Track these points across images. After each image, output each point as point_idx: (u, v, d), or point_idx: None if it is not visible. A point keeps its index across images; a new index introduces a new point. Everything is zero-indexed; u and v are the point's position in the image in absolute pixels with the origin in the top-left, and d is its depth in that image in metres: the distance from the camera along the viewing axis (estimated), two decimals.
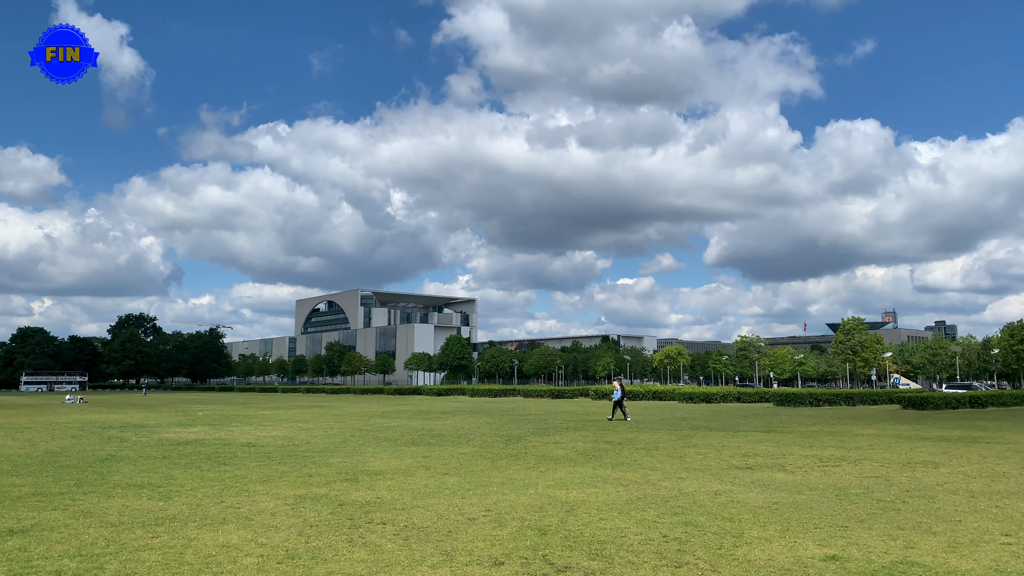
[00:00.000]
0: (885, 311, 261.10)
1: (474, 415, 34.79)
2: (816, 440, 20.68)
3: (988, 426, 27.22)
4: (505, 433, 23.11)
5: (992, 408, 44.58)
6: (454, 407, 45.26)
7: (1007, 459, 15.86)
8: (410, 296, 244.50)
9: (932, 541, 7.84)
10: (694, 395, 54.31)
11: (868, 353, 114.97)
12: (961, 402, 44.16)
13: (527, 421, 29.63)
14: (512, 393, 67.37)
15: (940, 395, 45.50)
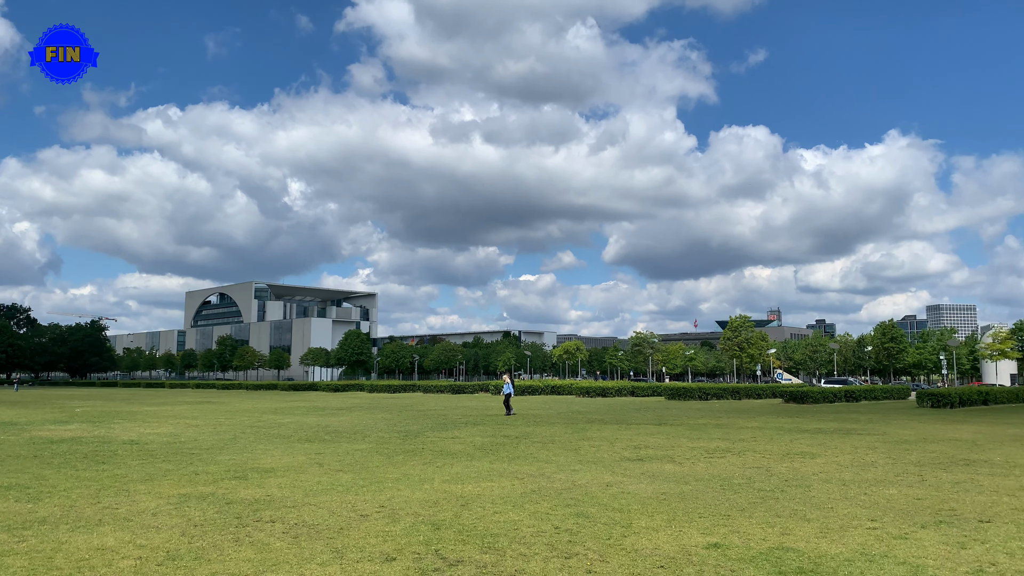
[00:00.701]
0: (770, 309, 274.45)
1: (372, 411, 34.35)
2: (704, 432, 21.49)
3: (860, 419, 29.01)
4: (403, 429, 22.93)
5: (865, 402, 47.58)
6: (351, 403, 44.54)
7: (876, 449, 16.95)
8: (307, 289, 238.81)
9: (806, 527, 8.29)
10: (591, 389, 55.43)
11: (754, 349, 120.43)
12: (837, 396, 46.93)
13: (426, 417, 29.49)
14: (412, 389, 66.90)
15: (818, 390, 48.19)
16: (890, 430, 22.90)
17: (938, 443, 18.54)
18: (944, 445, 18.00)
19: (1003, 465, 14.04)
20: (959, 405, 39.99)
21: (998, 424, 26.19)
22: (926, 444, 18.25)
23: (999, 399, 45.47)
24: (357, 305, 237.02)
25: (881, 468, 13.56)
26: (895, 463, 14.30)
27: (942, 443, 18.54)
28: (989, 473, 12.88)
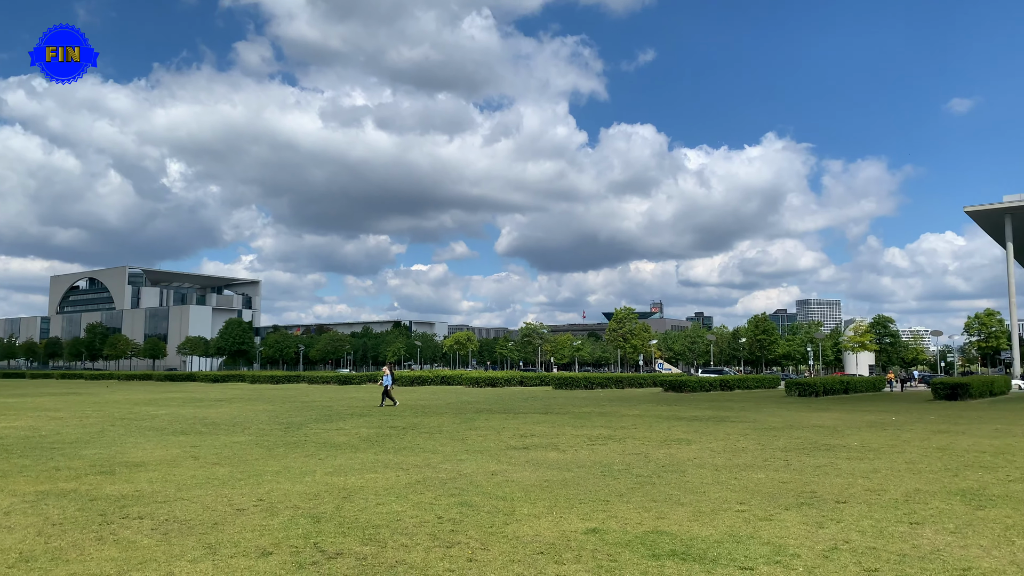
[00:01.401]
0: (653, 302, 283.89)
1: (253, 402, 33.26)
2: (588, 421, 22.01)
3: (734, 407, 30.49)
4: (285, 420, 22.32)
5: (738, 391, 50.03)
6: (231, 394, 42.97)
7: (747, 436, 17.85)
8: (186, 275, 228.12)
9: (680, 511, 8.63)
10: (480, 379, 55.73)
11: (637, 340, 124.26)
12: (713, 385, 49.14)
13: (310, 408, 28.82)
14: (297, 380, 65.21)
15: (696, 379, 50.29)
16: (760, 417, 24.18)
17: (803, 429, 19.71)
18: (808, 431, 19.15)
19: (859, 449, 15.08)
20: (823, 394, 42.72)
21: (856, 411, 28.13)
22: (792, 431, 19.37)
23: (858, 388, 48.87)
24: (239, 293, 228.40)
25: (751, 454, 14.29)
26: (764, 449, 15.11)
27: (807, 429, 19.72)
28: (847, 457, 13.80)
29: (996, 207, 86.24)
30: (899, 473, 11.72)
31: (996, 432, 19.19)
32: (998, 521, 8.13)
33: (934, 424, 21.80)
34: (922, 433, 18.77)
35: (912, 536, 7.42)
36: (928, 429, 19.99)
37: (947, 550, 6.88)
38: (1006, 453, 14.48)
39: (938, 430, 19.68)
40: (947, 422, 22.62)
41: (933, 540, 7.26)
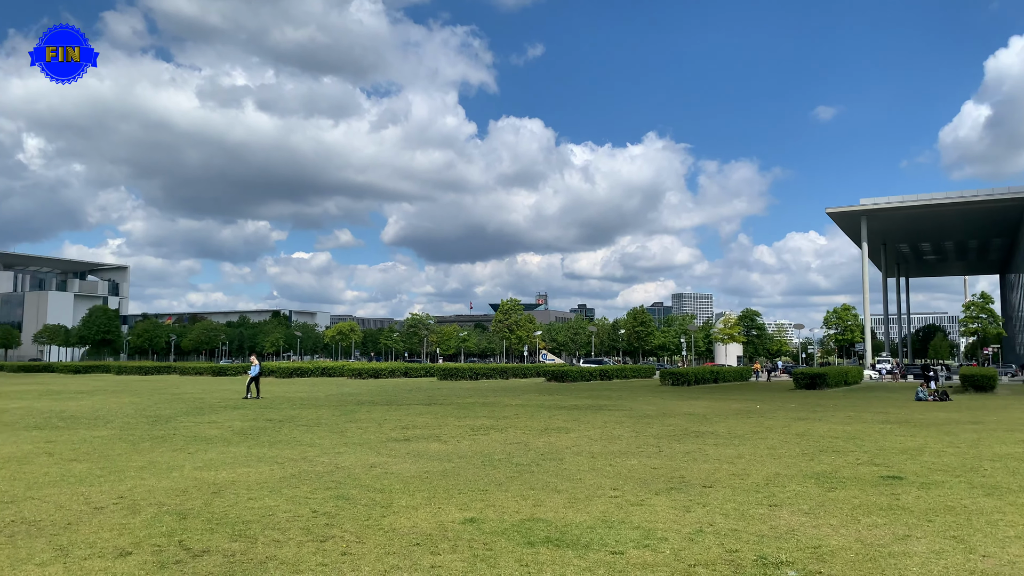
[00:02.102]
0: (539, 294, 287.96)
1: (118, 395, 31.42)
2: (471, 411, 22.10)
3: (612, 396, 31.40)
4: (152, 414, 21.21)
5: (617, 380, 51.55)
6: (94, 386, 40.43)
7: (622, 424, 18.42)
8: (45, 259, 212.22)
9: (556, 499, 8.80)
10: (363, 371, 54.89)
11: (522, 331, 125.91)
12: (594, 375, 50.42)
13: (180, 400, 27.51)
14: (168, 371, 62.10)
15: (577, 369, 51.48)
16: (636, 406, 25.01)
17: (675, 417, 20.54)
18: (680, 419, 19.97)
19: (726, 436, 15.86)
20: (695, 383, 44.68)
21: (724, 400, 29.58)
22: (665, 418, 20.15)
23: (727, 377, 51.41)
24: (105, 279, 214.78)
25: (625, 441, 14.76)
26: (638, 436, 15.64)
27: (678, 417, 20.56)
28: (714, 443, 14.48)
29: (853, 209, 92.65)
30: (761, 458, 12.40)
31: (848, 419, 20.65)
32: (847, 501, 8.74)
33: (794, 412, 23.22)
34: (783, 420, 19.95)
35: (771, 518, 7.87)
36: (789, 416, 21.27)
37: (801, 530, 7.34)
38: (856, 438, 15.60)
39: (798, 417, 20.97)
40: (806, 410, 24.14)
41: (789, 521, 7.73)
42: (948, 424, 19.08)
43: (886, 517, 7.89)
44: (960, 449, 13.78)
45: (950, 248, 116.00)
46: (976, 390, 37.83)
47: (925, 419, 20.66)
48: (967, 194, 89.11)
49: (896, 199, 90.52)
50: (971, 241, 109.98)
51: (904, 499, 8.86)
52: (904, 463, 11.88)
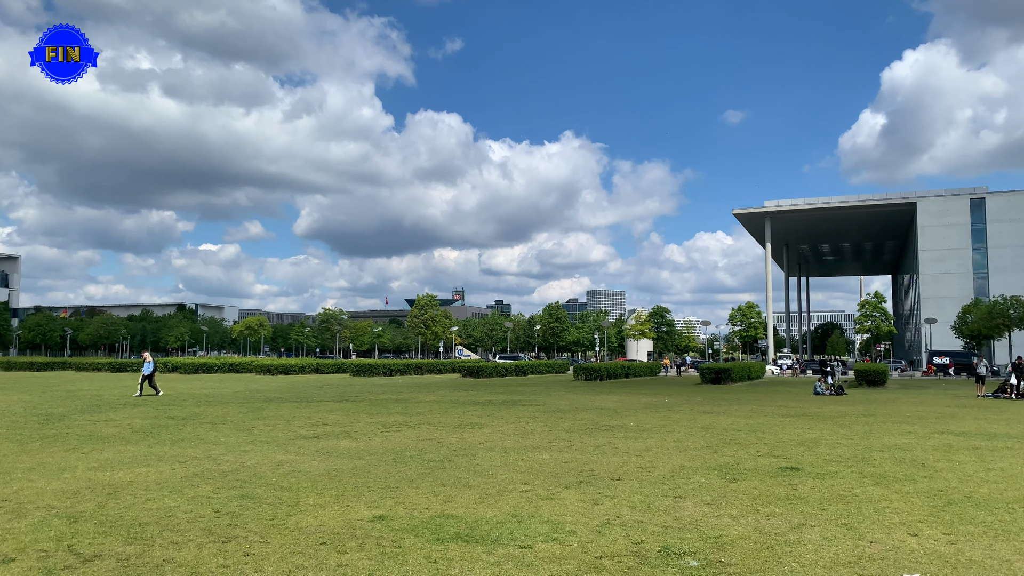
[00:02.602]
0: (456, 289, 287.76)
1: (5, 392, 29.62)
2: (383, 408, 21.86)
3: (526, 391, 31.64)
4: (44, 412, 20.10)
5: (532, 375, 52.00)
6: None
7: (536, 418, 18.58)
8: None
9: (467, 494, 8.79)
10: (273, 367, 53.51)
11: (438, 327, 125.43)
12: (509, 370, 50.70)
13: (75, 398, 26.16)
14: (62, 366, 58.95)
15: (493, 365, 51.64)
16: (549, 401, 25.28)
17: (587, 411, 20.86)
18: (592, 413, 20.30)
19: (635, 429, 16.21)
20: (607, 378, 45.51)
21: (635, 394, 30.24)
22: (577, 413, 20.44)
23: (638, 372, 52.57)
24: None
25: (538, 435, 14.89)
26: (550, 430, 15.81)
27: (590, 411, 20.89)
28: (624, 437, 14.78)
29: (758, 211, 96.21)
30: (668, 451, 12.73)
31: (751, 412, 21.44)
32: (747, 492, 9.07)
33: (700, 405, 23.95)
34: (690, 414, 20.55)
35: (675, 509, 8.08)
36: (695, 410, 21.92)
37: (704, 520, 7.57)
38: (758, 431, 16.21)
39: (703, 411, 21.63)
40: (711, 404, 24.94)
41: (693, 512, 7.96)
42: (842, 417, 20.05)
43: (783, 507, 8.22)
44: (853, 441, 14.51)
45: (847, 249, 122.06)
46: (869, 384, 39.92)
47: (822, 412, 21.66)
48: (863, 198, 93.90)
49: (798, 202, 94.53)
50: (866, 243, 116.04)
51: (800, 489, 9.26)
52: (801, 455, 12.42)
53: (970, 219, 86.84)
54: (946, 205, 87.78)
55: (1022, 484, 9.70)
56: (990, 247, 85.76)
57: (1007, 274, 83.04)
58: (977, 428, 17.22)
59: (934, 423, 18.38)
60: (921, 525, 7.38)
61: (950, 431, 16.42)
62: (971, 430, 16.71)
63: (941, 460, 11.85)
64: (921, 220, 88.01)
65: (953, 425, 17.87)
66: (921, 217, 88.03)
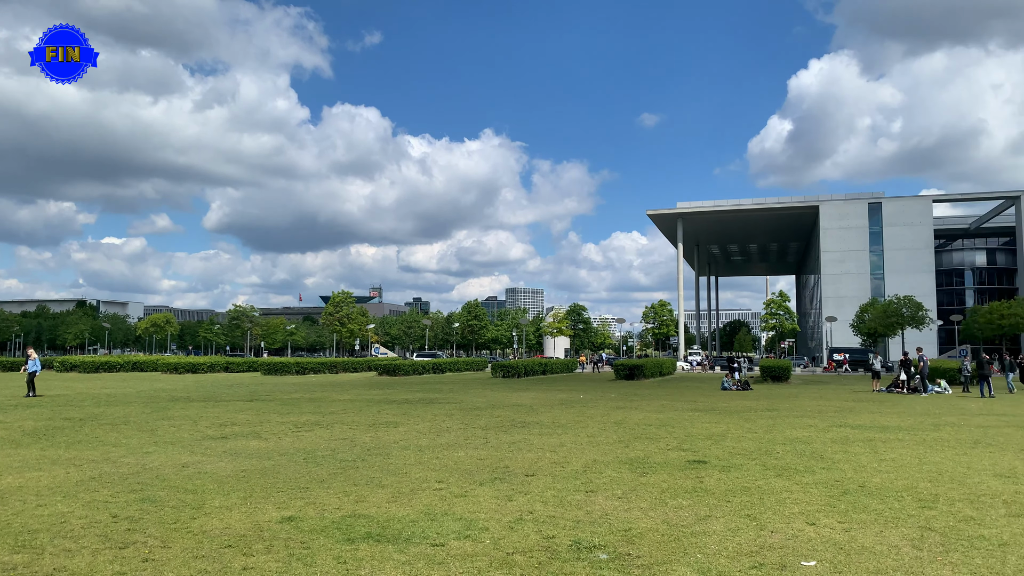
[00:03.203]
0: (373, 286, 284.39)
1: None
2: (295, 407, 21.39)
3: (444, 389, 31.54)
4: None
5: (450, 373, 51.88)
6: None
7: (452, 416, 18.54)
8: None
9: (380, 493, 8.69)
10: (180, 366, 51.60)
11: (354, 324, 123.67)
12: (426, 369, 50.42)
13: None
14: None
15: (410, 363, 51.25)
16: (467, 398, 25.28)
17: (504, 409, 20.95)
18: (508, 410, 20.40)
19: (550, 425, 16.38)
20: (525, 375, 45.84)
21: (551, 391, 30.57)
22: (494, 410, 20.50)
23: (555, 369, 53.16)
24: None
25: (454, 433, 14.86)
26: (466, 428, 15.80)
27: (507, 408, 21.00)
28: (539, 433, 14.91)
29: (671, 212, 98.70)
30: (581, 446, 12.91)
31: (662, 407, 21.98)
32: (656, 485, 9.28)
33: (614, 401, 24.41)
34: (604, 409, 20.91)
35: (587, 503, 8.20)
36: (609, 406, 22.32)
37: (614, 514, 7.71)
38: (668, 425, 16.63)
39: (617, 406, 22.05)
40: (624, 399, 25.45)
41: (603, 506, 8.09)
42: (748, 412, 20.79)
43: (691, 499, 8.46)
44: (757, 434, 15.05)
45: (754, 250, 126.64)
46: (773, 380, 41.53)
47: (728, 407, 22.40)
48: (769, 201, 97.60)
49: (708, 203, 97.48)
50: (772, 244, 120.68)
51: (707, 482, 9.54)
52: (708, 448, 12.81)
53: (868, 222, 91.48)
54: (846, 209, 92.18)
55: (911, 473, 10.27)
56: (886, 249, 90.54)
57: (901, 275, 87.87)
58: (872, 421, 18.14)
59: (833, 417, 19.27)
60: (819, 514, 7.72)
61: (847, 424, 17.25)
62: (866, 423, 17.59)
63: (838, 452, 12.43)
64: (823, 223, 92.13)
65: (850, 419, 18.78)
66: (823, 220, 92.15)
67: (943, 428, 16.44)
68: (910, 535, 6.87)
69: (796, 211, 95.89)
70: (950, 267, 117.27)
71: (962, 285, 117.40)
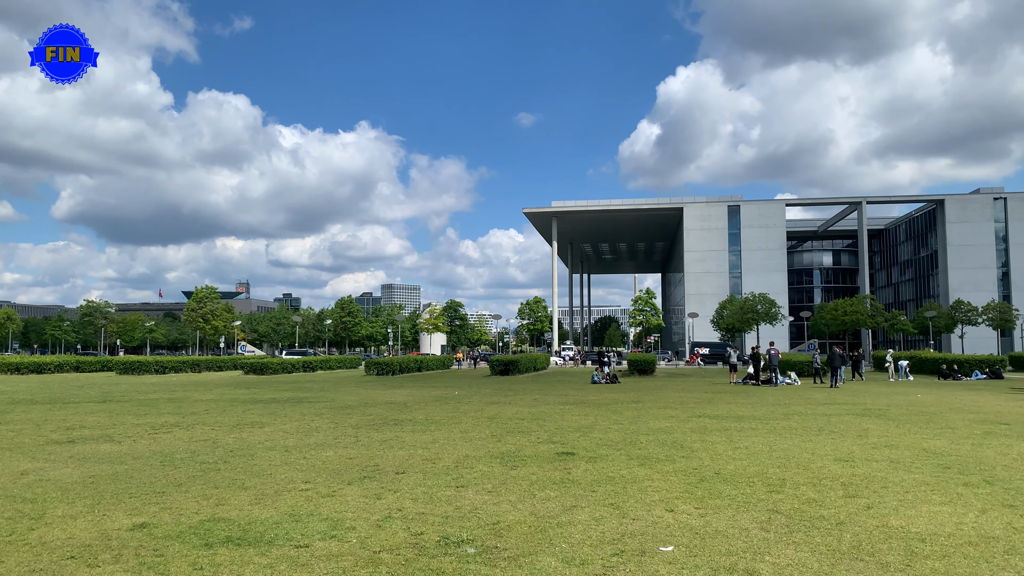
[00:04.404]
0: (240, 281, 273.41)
1: None
2: (153, 408, 20.26)
3: (314, 388, 30.75)
4: None
5: (321, 372, 50.63)
6: None
7: (322, 415, 18.10)
8: None
9: (242, 496, 8.36)
10: (23, 365, 47.67)
11: (219, 321, 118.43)
12: (296, 367, 49.00)
13: None
14: None
15: (279, 361, 49.63)
16: (338, 397, 24.76)
17: (376, 407, 20.67)
18: (381, 408, 20.14)
19: (423, 423, 16.31)
20: (399, 372, 45.42)
21: (426, 388, 30.44)
22: (366, 408, 20.19)
23: (431, 366, 52.99)
24: None
25: (323, 432, 14.52)
26: (336, 427, 15.47)
27: (380, 406, 20.72)
28: (412, 430, 14.81)
29: (546, 210, 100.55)
30: (454, 442, 12.93)
31: (535, 401, 22.36)
32: (526, 478, 9.43)
33: (488, 397, 24.60)
34: (478, 405, 21.03)
35: (457, 499, 8.22)
36: (483, 401, 22.48)
37: (483, 508, 7.76)
38: (539, 419, 16.93)
39: (491, 402, 22.24)
40: (499, 395, 25.70)
41: (473, 500, 8.14)
42: (615, 404, 21.50)
43: (558, 490, 8.65)
44: (623, 426, 15.59)
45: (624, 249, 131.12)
46: (640, 373, 43.16)
47: (597, 400, 23.08)
48: (638, 202, 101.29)
49: (582, 203, 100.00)
50: (640, 243, 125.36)
51: (574, 473, 9.79)
52: (577, 440, 13.14)
53: (728, 224, 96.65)
54: (708, 211, 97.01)
55: (762, 460, 10.94)
56: (743, 250, 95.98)
57: (757, 274, 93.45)
58: (728, 411, 19.19)
59: (693, 407, 20.24)
60: (677, 501, 8.08)
61: (706, 415, 18.16)
62: (723, 413, 18.59)
63: (697, 441, 13.07)
64: (687, 224, 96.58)
65: (709, 409, 19.78)
66: (687, 221, 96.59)
67: (792, 417, 17.61)
68: (759, 518, 7.32)
69: (662, 212, 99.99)
70: (800, 267, 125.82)
71: (811, 284, 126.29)
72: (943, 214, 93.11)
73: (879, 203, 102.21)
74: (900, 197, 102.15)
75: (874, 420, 16.79)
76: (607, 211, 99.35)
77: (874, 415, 18.03)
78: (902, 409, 19.73)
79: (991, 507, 7.74)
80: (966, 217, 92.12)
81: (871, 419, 17.01)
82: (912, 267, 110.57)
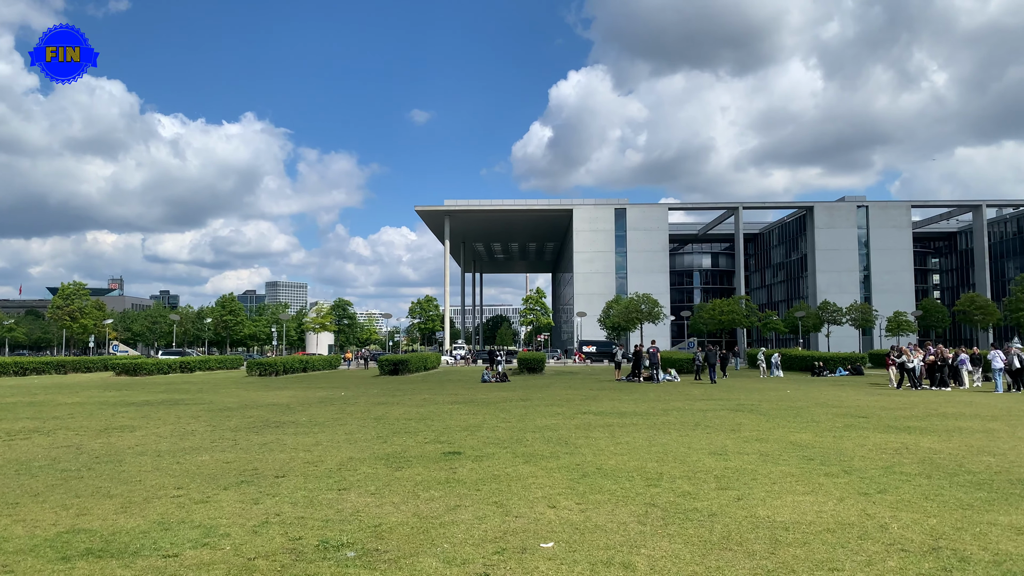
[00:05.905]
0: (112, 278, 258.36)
1: None
2: (10, 412, 18.84)
3: (192, 389, 29.41)
4: None
5: (200, 372, 48.47)
6: None
7: (199, 418, 17.34)
8: None
9: (107, 504, 7.89)
10: None
11: (89, 320, 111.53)
12: (173, 367, 46.75)
13: None
14: None
15: (154, 361, 47.21)
16: (216, 398, 23.79)
17: (258, 408, 19.99)
18: (263, 410, 19.49)
19: (307, 424, 15.89)
20: (283, 373, 44.10)
21: (311, 389, 29.70)
22: (247, 410, 19.49)
23: (317, 367, 51.73)
24: None
25: (200, 436, 13.91)
26: (214, 430, 14.85)
27: (261, 408, 20.05)
28: (294, 433, 14.40)
29: (438, 209, 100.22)
30: (338, 444, 12.67)
31: (424, 401, 22.22)
32: (410, 479, 9.35)
33: (376, 397, 24.26)
34: (365, 406, 20.70)
35: (338, 502, 8.05)
36: (371, 402, 22.14)
37: (365, 510, 7.64)
38: (427, 419, 16.84)
39: (379, 402, 21.94)
40: (387, 395, 25.39)
41: (355, 503, 7.99)
42: (504, 402, 21.66)
43: (443, 490, 8.62)
44: (511, 424, 15.73)
45: (516, 249, 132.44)
46: (529, 372, 43.68)
47: (487, 398, 23.19)
48: (530, 203, 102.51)
49: (474, 202, 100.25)
50: (531, 243, 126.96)
51: (460, 472, 9.79)
52: (464, 439, 13.15)
53: (614, 226, 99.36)
54: (596, 213, 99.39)
55: (641, 455, 11.28)
56: (629, 251, 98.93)
57: (641, 275, 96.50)
58: (612, 408, 19.70)
59: (579, 404, 20.66)
60: (559, 497, 8.21)
61: (591, 411, 18.58)
62: (607, 410, 19.07)
63: (581, 437, 13.34)
64: (576, 225, 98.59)
65: (594, 406, 20.24)
66: (576, 223, 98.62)
67: (671, 412, 18.27)
68: (637, 512, 7.54)
69: (553, 213, 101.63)
70: (682, 268, 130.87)
71: (691, 285, 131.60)
72: (812, 220, 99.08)
73: (754, 209, 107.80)
74: (773, 203, 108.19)
75: (747, 415, 17.66)
76: (499, 211, 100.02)
77: (747, 410, 18.95)
78: (773, 404, 20.84)
79: (848, 495, 8.28)
80: (832, 223, 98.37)
81: (744, 414, 17.87)
82: (784, 270, 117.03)
